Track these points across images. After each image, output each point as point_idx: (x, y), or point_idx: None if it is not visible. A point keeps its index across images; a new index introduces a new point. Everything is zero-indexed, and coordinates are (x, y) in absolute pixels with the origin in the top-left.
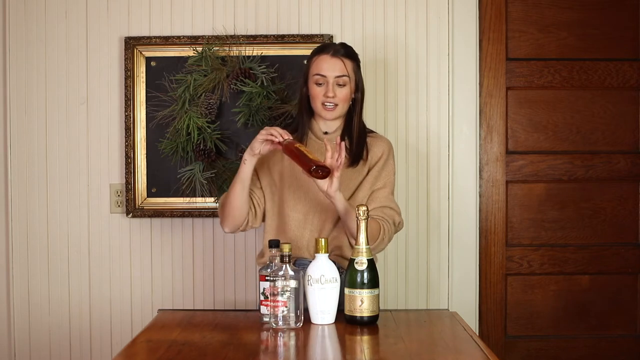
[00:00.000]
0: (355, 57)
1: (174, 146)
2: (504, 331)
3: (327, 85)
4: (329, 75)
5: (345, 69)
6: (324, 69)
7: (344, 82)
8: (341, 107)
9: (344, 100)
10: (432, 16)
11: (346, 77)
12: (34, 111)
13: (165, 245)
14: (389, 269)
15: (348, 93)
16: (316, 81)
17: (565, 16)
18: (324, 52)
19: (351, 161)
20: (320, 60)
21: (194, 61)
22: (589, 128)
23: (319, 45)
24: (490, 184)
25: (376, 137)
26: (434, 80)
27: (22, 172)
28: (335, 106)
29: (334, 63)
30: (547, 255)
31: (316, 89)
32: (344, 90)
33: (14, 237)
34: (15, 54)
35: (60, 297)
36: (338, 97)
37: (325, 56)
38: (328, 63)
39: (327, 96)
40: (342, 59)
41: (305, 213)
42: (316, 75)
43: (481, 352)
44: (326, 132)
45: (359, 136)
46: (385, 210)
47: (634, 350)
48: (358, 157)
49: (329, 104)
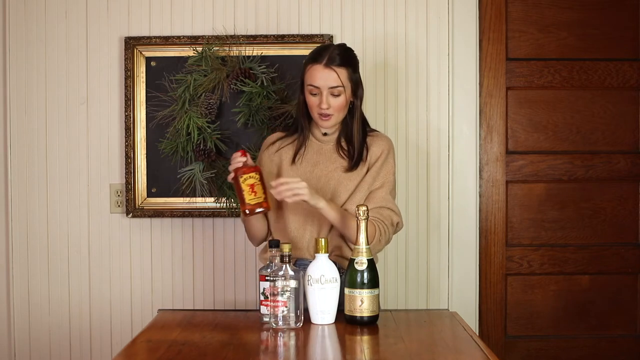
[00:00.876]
0: (350, 63)
1: (174, 146)
2: (504, 331)
3: (321, 96)
4: (322, 86)
5: (339, 79)
6: (316, 79)
7: (338, 92)
8: (337, 116)
9: (338, 110)
10: (432, 16)
11: (340, 88)
12: (34, 111)
13: (165, 245)
14: (389, 269)
15: (343, 102)
16: (310, 91)
17: (565, 16)
18: (317, 62)
19: (352, 165)
20: (314, 71)
21: (194, 61)
22: (589, 128)
23: (314, 50)
24: (490, 184)
25: (376, 135)
26: (434, 80)
27: (22, 172)
28: (330, 116)
29: (327, 74)
30: (547, 255)
31: (311, 99)
32: (338, 100)
33: (14, 237)
34: (15, 54)
35: (60, 297)
36: (333, 107)
37: (318, 66)
38: (321, 74)
39: (322, 107)
40: (335, 69)
41: (306, 214)
42: (309, 86)
43: (481, 352)
44: (325, 134)
45: (359, 141)
46: (382, 211)
47: (634, 350)
48: (359, 162)
49: (324, 114)
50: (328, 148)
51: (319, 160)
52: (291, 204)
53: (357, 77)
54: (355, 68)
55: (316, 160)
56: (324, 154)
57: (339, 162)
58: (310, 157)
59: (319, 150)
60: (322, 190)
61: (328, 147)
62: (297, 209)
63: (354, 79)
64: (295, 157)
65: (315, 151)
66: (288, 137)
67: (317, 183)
